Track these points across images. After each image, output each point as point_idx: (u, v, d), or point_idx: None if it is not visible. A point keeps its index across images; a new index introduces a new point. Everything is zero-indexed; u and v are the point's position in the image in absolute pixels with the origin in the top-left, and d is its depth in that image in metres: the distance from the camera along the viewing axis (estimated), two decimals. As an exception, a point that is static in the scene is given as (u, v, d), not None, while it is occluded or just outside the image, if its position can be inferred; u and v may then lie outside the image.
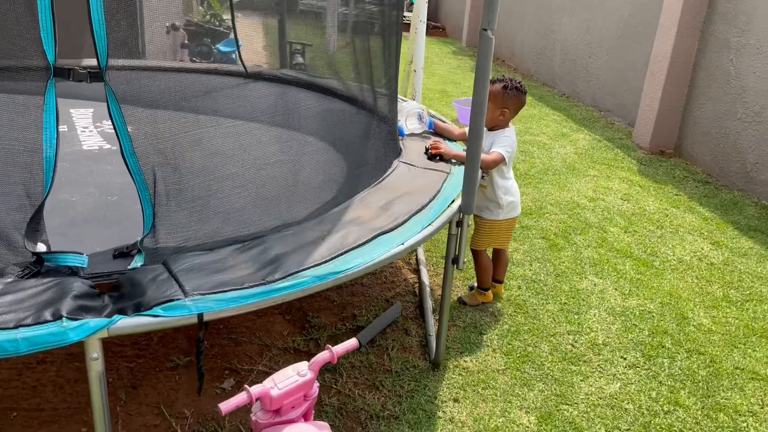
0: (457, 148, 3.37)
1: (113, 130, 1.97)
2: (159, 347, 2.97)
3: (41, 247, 1.94)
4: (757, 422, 2.73)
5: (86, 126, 3.30)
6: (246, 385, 1.90)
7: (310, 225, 2.28)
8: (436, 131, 3.56)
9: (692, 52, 6.02)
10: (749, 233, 4.66)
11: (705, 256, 4.26)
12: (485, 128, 3.35)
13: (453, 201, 2.69)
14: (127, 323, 1.74)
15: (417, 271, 3.78)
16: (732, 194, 5.39)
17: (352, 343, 2.03)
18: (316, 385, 2.00)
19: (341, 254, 2.13)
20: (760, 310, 3.63)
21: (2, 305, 1.71)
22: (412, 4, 8.07)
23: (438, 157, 3.16)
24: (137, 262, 2.03)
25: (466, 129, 3.61)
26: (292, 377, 1.94)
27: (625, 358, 3.10)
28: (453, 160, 3.17)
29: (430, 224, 2.45)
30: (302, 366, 1.98)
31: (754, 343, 3.30)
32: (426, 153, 3.18)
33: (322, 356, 2.00)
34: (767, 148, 5.21)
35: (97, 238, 2.25)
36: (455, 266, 2.74)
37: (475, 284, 3.53)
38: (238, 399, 1.86)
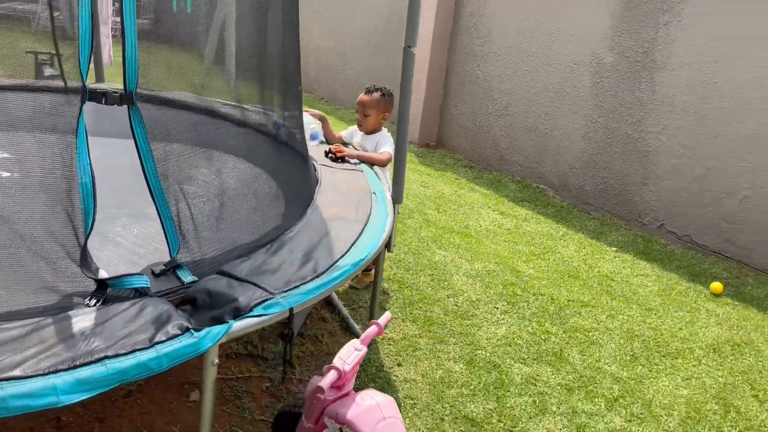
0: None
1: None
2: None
3: (103, 274, 1.90)
4: (600, 333, 3.72)
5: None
6: (329, 365, 2.14)
7: (304, 225, 2.53)
8: (325, 136, 3.91)
9: (444, 60, 7.17)
10: (520, 203, 5.88)
11: (501, 224, 5.31)
12: (365, 133, 3.84)
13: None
14: (240, 326, 1.87)
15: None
16: (493, 175, 6.64)
17: (387, 315, 2.38)
18: None
19: (353, 244, 2.45)
20: (558, 258, 4.74)
21: (117, 328, 1.71)
22: None
23: (341, 159, 3.53)
24: (187, 276, 2.09)
25: (342, 132, 4.04)
26: (353, 353, 2.23)
27: (497, 308, 3.87)
28: (353, 160, 3.58)
29: (387, 214, 2.86)
30: (356, 343, 2.27)
31: (568, 282, 4.35)
32: (328, 156, 3.53)
33: (372, 331, 2.31)
34: (515, 136, 6.55)
35: (112, 263, 2.20)
36: (387, 250, 3.18)
37: (357, 270, 3.98)
38: (331, 377, 2.10)
